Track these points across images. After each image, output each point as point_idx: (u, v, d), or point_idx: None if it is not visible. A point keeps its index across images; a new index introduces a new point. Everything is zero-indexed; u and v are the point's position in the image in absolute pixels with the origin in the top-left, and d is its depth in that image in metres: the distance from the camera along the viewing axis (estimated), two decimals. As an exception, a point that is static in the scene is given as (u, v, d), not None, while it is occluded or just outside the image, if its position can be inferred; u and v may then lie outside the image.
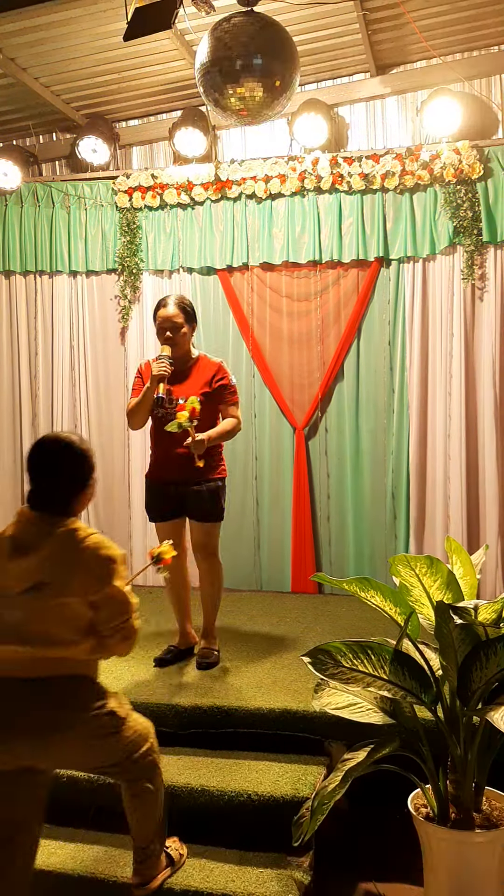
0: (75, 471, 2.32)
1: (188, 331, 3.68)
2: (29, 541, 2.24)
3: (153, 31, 3.39)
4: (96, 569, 2.22)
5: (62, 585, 2.20)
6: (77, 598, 2.21)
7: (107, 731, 2.29)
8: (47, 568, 2.20)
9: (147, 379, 3.61)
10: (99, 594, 2.22)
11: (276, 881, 2.62)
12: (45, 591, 2.19)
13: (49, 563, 2.21)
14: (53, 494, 2.29)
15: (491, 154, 4.78)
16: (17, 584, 2.20)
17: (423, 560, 2.66)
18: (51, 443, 2.35)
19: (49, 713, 2.23)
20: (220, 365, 3.74)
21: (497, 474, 4.86)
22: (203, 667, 3.68)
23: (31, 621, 2.20)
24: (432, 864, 2.55)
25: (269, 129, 5.24)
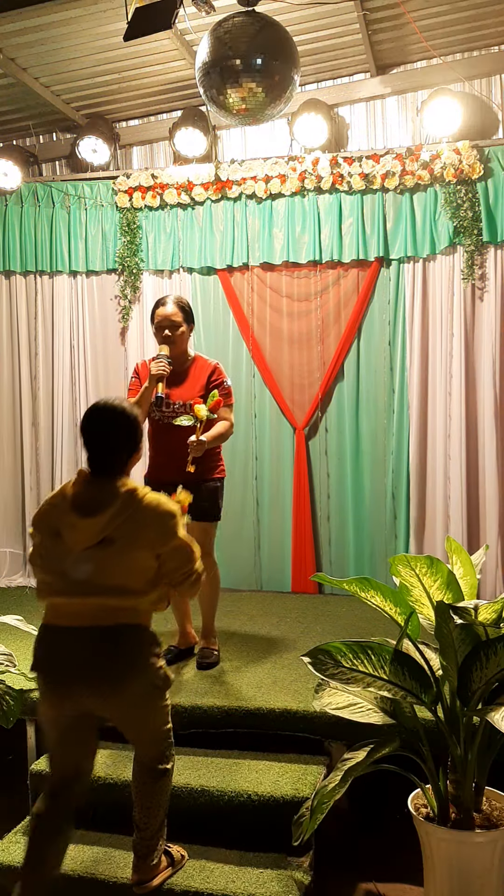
0: (129, 434, 2.49)
1: (186, 330, 3.69)
2: (95, 500, 2.40)
3: (153, 31, 3.39)
4: (160, 525, 2.42)
5: (131, 541, 2.38)
6: (145, 551, 2.39)
7: (157, 685, 2.46)
8: (115, 525, 2.37)
9: (144, 379, 3.60)
10: (166, 547, 2.42)
11: (276, 881, 2.62)
12: (115, 546, 2.36)
13: (116, 520, 2.37)
14: (111, 456, 2.46)
15: (491, 154, 4.78)
16: (87, 540, 2.36)
17: (423, 560, 2.66)
18: (106, 409, 2.50)
19: (112, 660, 2.38)
20: (216, 366, 3.74)
21: (497, 474, 4.86)
22: (203, 667, 3.68)
23: (102, 574, 2.37)
24: (432, 864, 2.55)
25: (269, 129, 5.24)
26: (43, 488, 5.65)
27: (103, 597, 2.37)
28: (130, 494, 2.42)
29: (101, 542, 2.37)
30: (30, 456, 5.66)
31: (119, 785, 3.01)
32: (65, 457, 5.58)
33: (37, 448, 5.67)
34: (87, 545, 2.37)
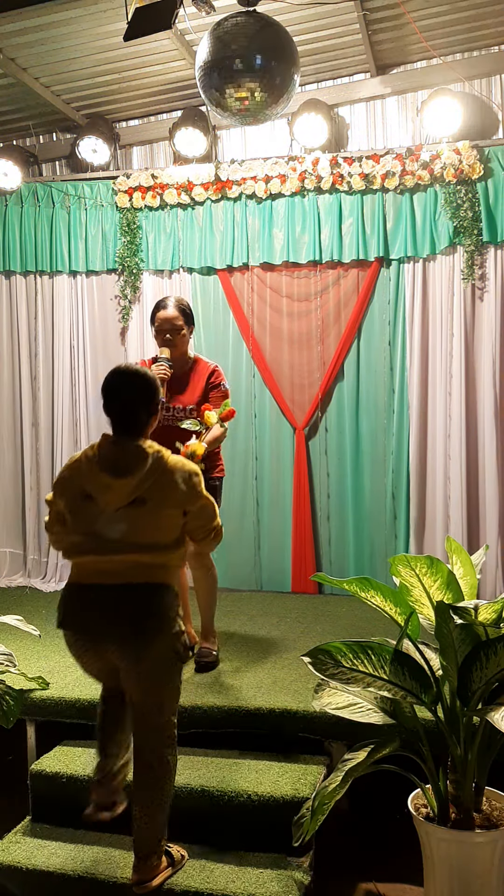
0: (148, 394, 2.59)
1: (187, 333, 3.69)
2: (124, 460, 2.49)
3: (153, 31, 3.39)
4: (188, 484, 2.54)
5: (161, 500, 2.49)
6: (175, 509, 2.52)
7: (178, 651, 2.54)
8: (146, 485, 2.47)
9: None
10: (194, 506, 2.57)
11: (276, 881, 2.62)
12: (147, 506, 2.47)
13: (147, 480, 2.48)
14: (132, 416, 2.55)
15: (491, 154, 4.78)
16: (121, 500, 2.46)
17: (423, 560, 2.66)
18: (127, 372, 2.64)
19: (141, 617, 2.47)
20: (215, 368, 3.74)
21: (497, 474, 4.86)
22: (201, 667, 3.68)
23: (136, 532, 2.47)
24: (432, 864, 2.55)
25: (270, 129, 5.24)
26: (43, 488, 5.65)
27: (137, 554, 2.47)
28: (158, 455, 2.53)
29: (133, 501, 2.46)
30: (30, 456, 5.66)
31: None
32: (65, 457, 5.57)
33: (37, 448, 5.67)
34: (120, 505, 2.46)
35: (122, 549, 2.47)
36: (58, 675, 3.65)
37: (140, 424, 2.57)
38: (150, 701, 2.55)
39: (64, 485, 2.59)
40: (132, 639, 2.47)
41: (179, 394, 3.66)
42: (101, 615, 2.49)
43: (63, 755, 3.25)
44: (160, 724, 2.56)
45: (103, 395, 2.60)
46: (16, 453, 5.71)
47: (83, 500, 2.51)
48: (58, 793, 3.09)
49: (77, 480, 2.54)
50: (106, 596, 2.49)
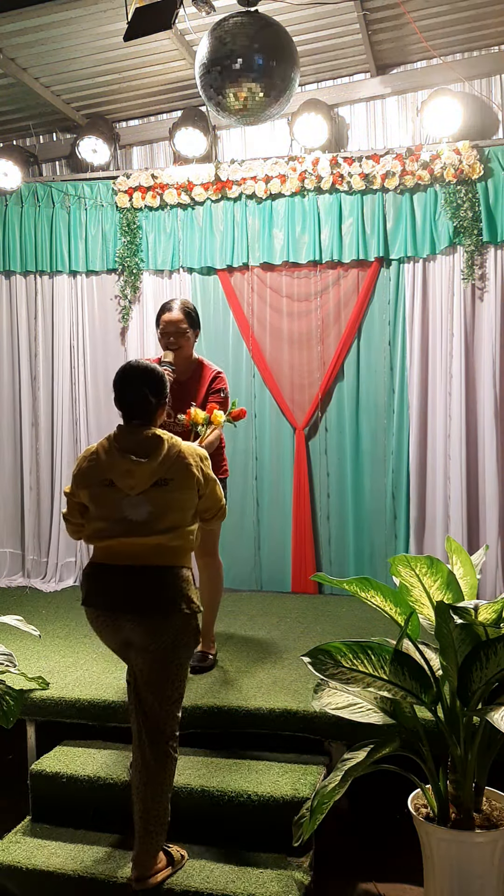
0: (157, 384, 2.77)
1: (192, 336, 3.67)
2: (143, 445, 2.66)
3: (153, 31, 3.39)
4: (200, 467, 2.72)
5: (180, 482, 2.66)
6: (192, 491, 2.69)
7: (192, 628, 2.67)
8: (165, 468, 2.64)
9: None
10: (207, 487, 2.74)
11: (276, 881, 2.62)
12: (168, 487, 2.64)
13: (166, 463, 2.64)
14: (143, 404, 2.72)
15: (491, 154, 4.78)
16: (143, 483, 2.62)
17: (423, 560, 2.66)
18: (137, 365, 2.85)
19: (160, 596, 2.60)
20: (218, 374, 3.72)
21: (497, 474, 4.86)
22: (196, 670, 3.66)
23: (159, 515, 2.62)
24: (432, 864, 2.55)
25: (269, 129, 5.24)
26: (43, 488, 5.66)
27: (159, 536, 2.62)
28: (172, 441, 2.71)
29: (154, 484, 2.62)
30: (29, 456, 5.65)
31: (119, 785, 3.01)
32: (65, 457, 5.57)
33: (37, 448, 5.67)
34: (142, 488, 2.62)
35: (147, 531, 2.62)
36: (58, 675, 3.65)
37: (150, 413, 2.74)
38: (158, 684, 2.62)
39: (84, 476, 2.72)
40: (150, 617, 2.60)
41: (182, 399, 3.64)
42: (123, 594, 2.62)
43: (63, 755, 3.25)
44: (164, 715, 2.63)
45: (115, 389, 2.77)
46: (15, 453, 5.71)
47: (105, 487, 2.65)
48: (58, 793, 3.09)
49: (97, 469, 2.68)
50: (129, 576, 2.62)
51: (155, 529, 2.62)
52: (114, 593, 2.65)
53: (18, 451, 5.69)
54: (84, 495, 2.72)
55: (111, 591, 2.66)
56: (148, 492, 2.63)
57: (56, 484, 5.62)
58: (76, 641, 4.19)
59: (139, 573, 2.62)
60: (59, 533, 5.61)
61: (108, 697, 3.38)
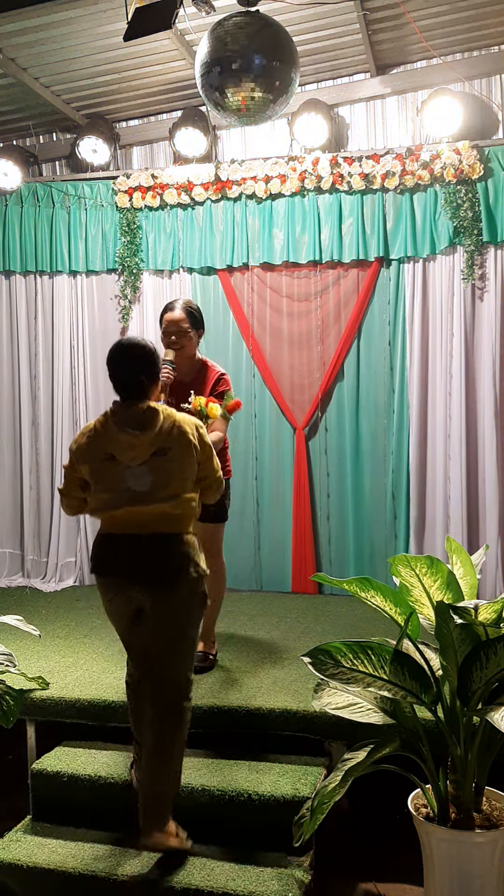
0: (148, 359, 2.81)
1: (194, 336, 3.65)
2: (139, 418, 2.72)
3: (153, 31, 3.39)
4: (196, 435, 2.79)
5: (179, 450, 2.73)
6: (191, 458, 2.76)
7: (199, 593, 2.75)
8: (164, 438, 2.72)
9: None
10: (204, 455, 2.81)
11: (276, 881, 2.62)
12: (168, 456, 2.72)
13: (164, 434, 2.72)
14: (136, 378, 2.77)
15: (491, 154, 4.78)
16: (143, 454, 2.69)
17: (423, 560, 2.66)
18: (129, 341, 2.92)
19: (169, 562, 2.70)
20: (222, 375, 3.71)
21: (497, 474, 4.86)
22: (196, 671, 3.63)
23: (161, 483, 2.70)
24: (432, 864, 2.55)
25: (269, 129, 5.24)
26: (43, 488, 5.66)
27: (163, 504, 2.70)
28: (167, 411, 2.79)
29: (154, 454, 2.70)
30: (29, 456, 5.66)
31: (119, 784, 3.01)
32: (64, 457, 5.57)
33: (37, 448, 5.67)
34: (143, 459, 2.69)
35: (151, 500, 2.69)
36: (58, 675, 3.65)
37: (142, 387, 2.78)
38: (171, 645, 2.71)
39: (84, 451, 2.78)
40: (161, 581, 2.69)
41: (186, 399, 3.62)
42: (132, 562, 2.70)
43: (63, 755, 3.25)
44: (179, 671, 2.73)
45: (108, 367, 2.84)
46: (15, 453, 5.71)
47: (106, 461, 2.73)
48: (58, 792, 3.09)
49: (97, 444, 2.75)
50: (137, 544, 2.71)
51: (158, 498, 2.70)
52: (124, 561, 2.73)
53: (18, 451, 5.70)
54: (85, 470, 2.78)
55: (121, 559, 2.73)
56: (148, 462, 2.70)
57: (56, 484, 5.61)
58: (76, 641, 4.19)
59: (147, 541, 2.71)
60: (59, 533, 5.61)
61: (108, 697, 3.38)
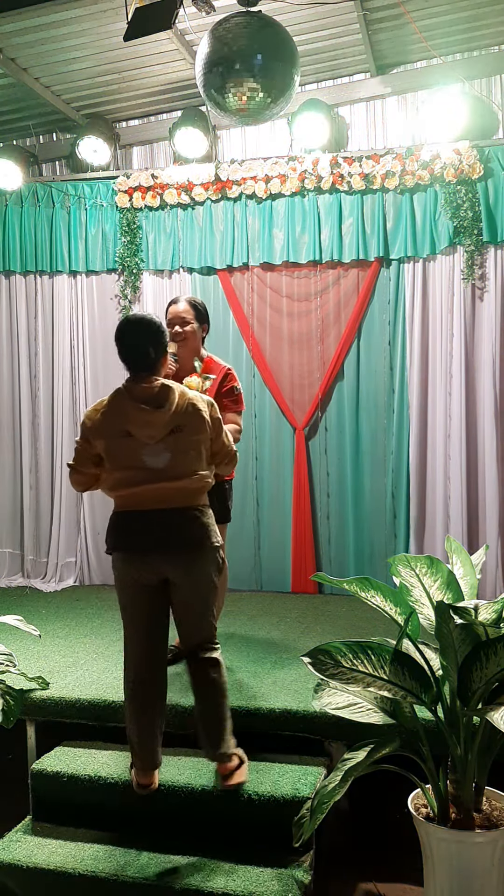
0: (156, 334, 2.85)
1: (197, 329, 3.66)
2: (154, 395, 2.78)
3: (153, 31, 3.40)
4: (209, 412, 2.87)
5: (193, 427, 2.81)
6: (205, 434, 2.85)
7: (219, 562, 2.90)
8: (179, 416, 2.78)
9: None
10: (216, 430, 2.89)
11: (276, 881, 2.62)
12: (184, 434, 2.79)
13: (180, 412, 2.78)
14: (145, 353, 2.81)
15: (491, 154, 4.78)
16: (160, 432, 2.76)
17: (423, 560, 2.66)
18: (136, 317, 2.98)
19: (187, 535, 2.81)
20: (228, 371, 3.72)
21: (497, 474, 4.86)
22: None
23: (178, 460, 2.78)
24: (432, 864, 2.55)
25: (269, 129, 5.24)
26: (42, 488, 5.66)
27: (180, 481, 2.79)
28: (180, 388, 2.85)
29: (170, 432, 2.76)
30: (29, 456, 5.66)
31: (119, 784, 3.01)
32: (65, 457, 5.57)
33: (36, 448, 5.67)
34: (160, 437, 2.76)
35: (169, 476, 2.78)
36: (58, 675, 3.65)
37: (151, 361, 2.83)
38: (200, 603, 2.86)
39: (100, 427, 2.81)
40: (185, 552, 2.80)
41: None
42: (155, 537, 2.79)
43: (63, 755, 3.25)
44: (211, 623, 2.91)
45: (117, 343, 2.86)
46: (15, 453, 5.71)
47: (123, 438, 2.77)
48: (58, 792, 3.09)
49: (113, 421, 2.78)
50: (159, 519, 2.79)
51: (176, 474, 2.78)
52: (147, 536, 2.79)
53: (18, 451, 5.70)
54: (100, 446, 2.81)
55: (144, 535, 2.79)
56: (165, 439, 2.76)
57: (56, 484, 5.62)
58: (76, 641, 4.19)
59: (169, 515, 2.80)
60: (58, 533, 5.61)
61: (108, 697, 3.38)
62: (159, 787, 2.93)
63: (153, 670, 2.91)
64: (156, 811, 2.96)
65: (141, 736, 2.88)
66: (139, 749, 2.89)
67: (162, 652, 2.97)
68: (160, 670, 2.94)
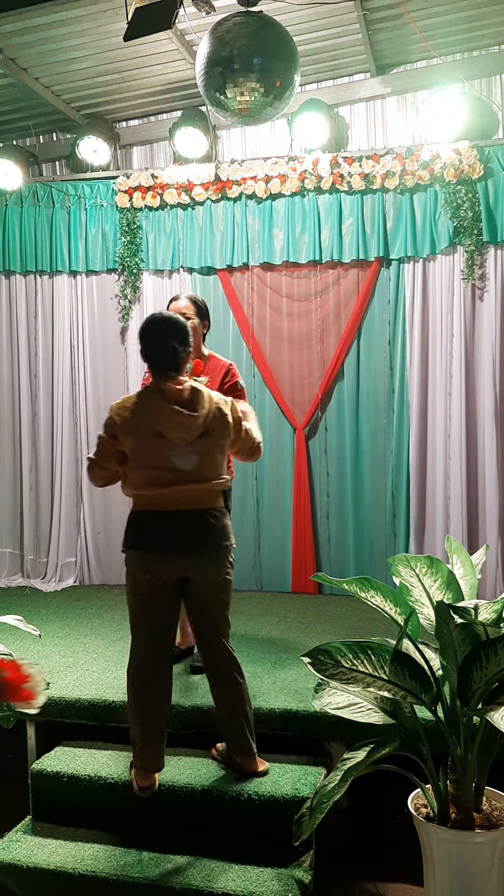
0: (183, 337, 2.87)
1: (198, 325, 3.67)
2: (190, 400, 2.81)
3: (153, 31, 3.40)
4: (232, 414, 2.91)
5: (219, 431, 2.86)
6: (228, 438, 2.91)
7: (231, 563, 2.97)
8: (209, 420, 2.82)
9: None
10: (240, 431, 2.94)
11: (276, 880, 2.62)
12: (211, 437, 2.84)
13: (208, 415, 2.82)
14: (174, 354, 2.84)
15: (491, 154, 4.78)
16: (191, 435, 2.79)
17: (423, 560, 2.66)
18: (161, 316, 2.94)
19: (210, 536, 2.88)
20: (230, 366, 3.73)
21: (497, 474, 4.86)
22: (197, 671, 3.66)
23: (204, 462, 2.83)
24: (432, 864, 2.55)
25: (269, 129, 5.24)
26: (42, 488, 5.65)
27: (206, 483, 2.85)
28: (207, 391, 2.89)
29: (200, 435, 2.80)
30: (29, 456, 5.66)
31: (119, 784, 3.01)
32: (65, 457, 5.58)
33: (36, 448, 5.67)
34: (191, 439, 2.79)
35: (196, 479, 2.82)
36: (58, 675, 3.65)
37: (179, 361, 2.86)
38: (218, 602, 2.95)
39: (130, 426, 2.80)
40: (208, 553, 2.87)
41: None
42: (179, 537, 2.83)
43: (63, 755, 3.25)
44: (226, 623, 3.01)
45: (142, 342, 2.87)
46: (15, 453, 5.71)
47: (153, 438, 2.78)
48: (59, 792, 3.09)
49: (143, 420, 2.79)
50: (183, 520, 2.84)
51: (202, 477, 2.83)
52: (171, 536, 2.83)
53: (18, 451, 5.69)
54: (129, 444, 2.81)
55: (168, 535, 2.83)
56: (195, 442, 2.80)
57: (56, 484, 5.62)
58: (76, 641, 4.19)
59: (194, 516, 2.85)
60: (58, 533, 5.61)
61: (108, 697, 3.38)
62: (159, 787, 2.94)
63: (158, 670, 2.92)
64: (156, 811, 2.96)
65: (144, 737, 2.88)
66: (142, 750, 2.89)
67: (168, 652, 2.99)
68: (165, 670, 2.95)
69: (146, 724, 2.88)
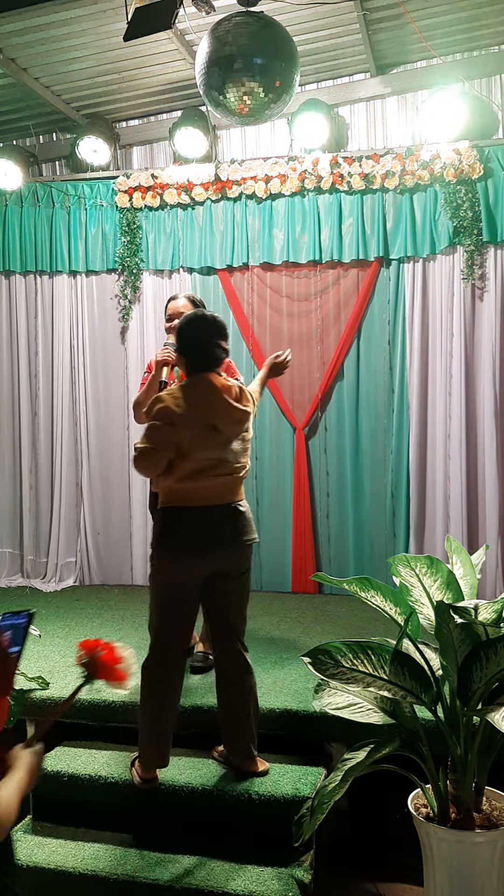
0: (226, 335, 2.98)
1: None
2: (239, 396, 2.90)
3: (153, 31, 3.40)
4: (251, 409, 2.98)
5: (248, 424, 2.95)
6: (250, 430, 3.00)
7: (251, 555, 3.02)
8: (247, 414, 2.92)
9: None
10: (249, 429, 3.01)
11: (276, 880, 2.62)
12: (247, 430, 2.95)
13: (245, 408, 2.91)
14: (221, 349, 2.93)
15: (491, 154, 4.78)
16: (241, 429, 2.90)
17: (423, 560, 2.66)
18: (208, 315, 2.98)
19: (241, 527, 2.92)
20: (229, 363, 3.73)
21: (497, 474, 4.87)
22: (197, 671, 3.67)
23: (238, 452, 2.91)
24: (432, 864, 2.55)
25: (269, 129, 5.24)
26: (42, 488, 5.65)
27: (238, 474, 2.92)
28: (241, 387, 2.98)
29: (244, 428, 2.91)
30: (29, 456, 5.66)
31: (119, 784, 3.01)
32: (65, 457, 5.58)
33: (36, 448, 5.67)
34: (239, 434, 2.89)
35: (232, 470, 2.89)
36: (58, 675, 3.65)
37: (221, 359, 2.95)
38: (241, 597, 3.00)
39: (188, 418, 2.80)
40: (241, 545, 2.93)
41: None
42: (214, 532, 2.86)
43: (64, 755, 3.25)
44: (245, 621, 3.03)
45: (189, 336, 2.90)
46: (15, 453, 5.71)
47: (209, 431, 2.82)
48: (59, 792, 3.09)
49: (200, 413, 2.81)
50: (220, 513, 2.88)
51: (236, 468, 2.91)
52: (207, 532, 2.86)
53: (18, 452, 5.69)
54: (185, 434, 2.80)
55: (204, 531, 2.86)
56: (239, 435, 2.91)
57: (56, 484, 5.62)
58: (76, 641, 4.15)
59: (224, 510, 2.89)
60: (58, 533, 5.61)
61: (108, 697, 3.38)
62: (159, 786, 2.94)
63: (175, 669, 2.94)
64: (156, 811, 2.96)
65: (155, 733, 2.90)
66: (151, 747, 2.92)
67: (185, 653, 3.04)
68: (180, 670, 2.98)
69: (158, 722, 2.89)
